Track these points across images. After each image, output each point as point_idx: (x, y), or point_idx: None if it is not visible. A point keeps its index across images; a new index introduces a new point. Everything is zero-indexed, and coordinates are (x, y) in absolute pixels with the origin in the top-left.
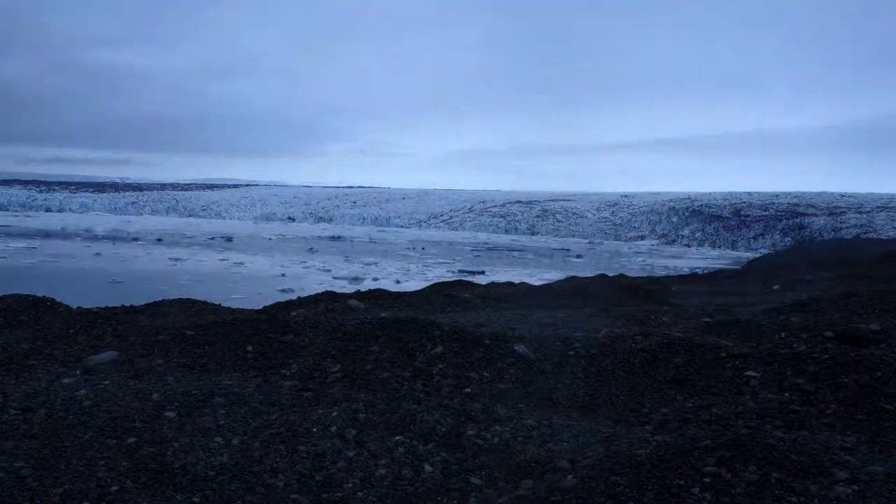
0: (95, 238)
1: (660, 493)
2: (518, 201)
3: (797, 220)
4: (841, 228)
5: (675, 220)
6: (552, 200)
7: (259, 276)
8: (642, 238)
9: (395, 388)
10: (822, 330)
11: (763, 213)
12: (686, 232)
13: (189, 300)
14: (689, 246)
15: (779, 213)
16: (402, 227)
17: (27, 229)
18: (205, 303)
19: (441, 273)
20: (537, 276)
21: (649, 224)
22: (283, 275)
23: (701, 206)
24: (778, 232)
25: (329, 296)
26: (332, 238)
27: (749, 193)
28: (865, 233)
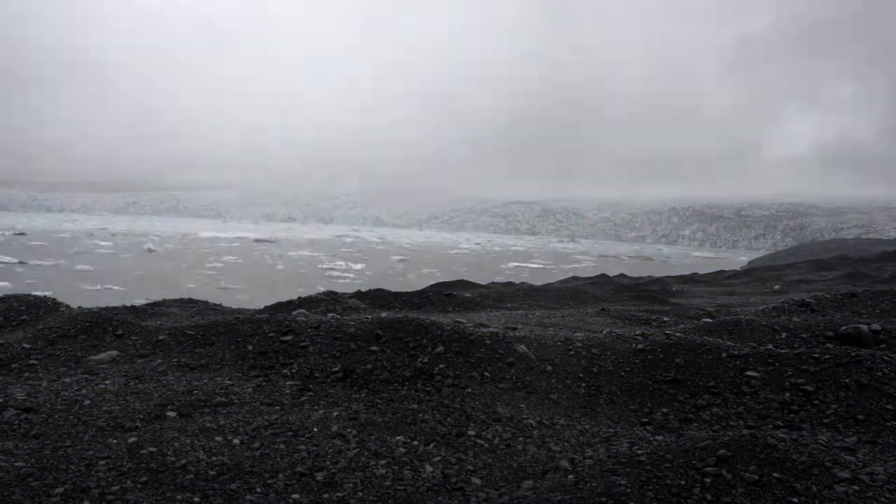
0: None
1: (660, 493)
2: (518, 201)
3: (798, 221)
4: (841, 228)
5: (675, 220)
6: (553, 200)
7: None
8: (643, 238)
9: (395, 388)
10: (822, 330)
11: (764, 213)
12: (687, 232)
13: (190, 300)
14: (689, 246)
15: (779, 214)
16: (401, 227)
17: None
18: (206, 302)
19: None
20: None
21: (650, 224)
22: None
23: (702, 206)
24: (779, 232)
25: (330, 296)
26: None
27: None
28: (866, 233)
